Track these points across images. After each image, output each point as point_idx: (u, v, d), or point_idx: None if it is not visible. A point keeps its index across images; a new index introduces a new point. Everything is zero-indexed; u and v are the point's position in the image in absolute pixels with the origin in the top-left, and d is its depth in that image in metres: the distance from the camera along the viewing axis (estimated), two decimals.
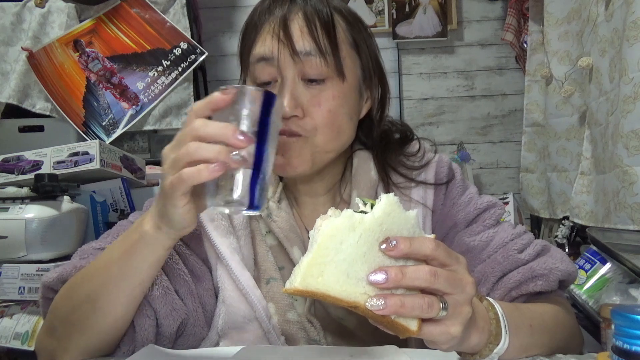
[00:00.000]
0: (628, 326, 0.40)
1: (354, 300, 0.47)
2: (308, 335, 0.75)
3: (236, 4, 2.90)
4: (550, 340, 0.67)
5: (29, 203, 1.42)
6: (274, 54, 0.70)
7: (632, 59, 1.29)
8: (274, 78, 0.72)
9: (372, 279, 0.47)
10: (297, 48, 0.70)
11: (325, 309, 0.76)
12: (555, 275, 0.72)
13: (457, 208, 0.81)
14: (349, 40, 0.75)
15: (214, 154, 0.52)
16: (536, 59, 2.11)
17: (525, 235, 0.78)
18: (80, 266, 0.70)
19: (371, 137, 0.84)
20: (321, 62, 0.70)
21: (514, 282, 0.72)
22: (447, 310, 0.49)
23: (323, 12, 0.72)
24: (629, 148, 1.29)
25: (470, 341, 0.55)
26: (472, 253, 0.77)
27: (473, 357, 0.58)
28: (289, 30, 0.70)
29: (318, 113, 0.72)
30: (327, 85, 0.72)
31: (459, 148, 2.73)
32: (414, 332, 0.49)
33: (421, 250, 0.49)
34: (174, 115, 2.25)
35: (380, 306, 0.46)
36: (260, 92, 0.55)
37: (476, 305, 0.57)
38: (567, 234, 1.84)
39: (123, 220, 0.81)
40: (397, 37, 2.87)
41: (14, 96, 2.09)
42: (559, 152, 1.91)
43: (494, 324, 0.58)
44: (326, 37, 0.71)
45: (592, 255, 1.22)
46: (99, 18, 2.20)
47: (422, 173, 0.83)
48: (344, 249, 0.47)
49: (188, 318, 0.72)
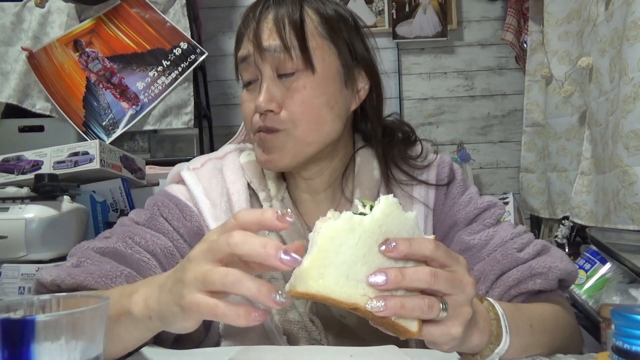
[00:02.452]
0: (628, 326, 0.40)
1: (353, 302, 0.47)
2: (309, 334, 0.75)
3: (236, 4, 2.90)
4: (551, 340, 0.67)
5: (29, 203, 1.42)
6: (249, 52, 0.77)
7: (632, 59, 1.29)
8: (256, 77, 0.78)
9: (372, 280, 0.47)
10: (264, 46, 0.75)
11: (326, 307, 0.77)
12: (555, 274, 0.72)
13: (457, 207, 0.82)
14: (320, 33, 0.78)
15: (255, 294, 0.45)
16: (536, 59, 2.11)
17: (525, 235, 0.79)
18: (76, 276, 0.67)
19: (372, 132, 0.85)
20: (287, 57, 0.75)
21: (513, 281, 0.72)
22: (447, 311, 0.49)
23: (292, 11, 0.77)
24: (629, 148, 1.29)
25: (471, 341, 0.55)
26: (472, 251, 0.78)
27: (474, 358, 0.58)
28: (260, 32, 0.76)
29: (292, 105, 0.75)
30: (297, 77, 0.76)
31: (459, 148, 2.73)
32: (415, 333, 0.49)
33: (421, 251, 0.49)
34: (174, 115, 2.25)
35: (381, 308, 0.46)
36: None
37: (477, 305, 0.57)
38: (567, 234, 1.84)
39: (124, 218, 0.80)
40: (397, 37, 2.87)
41: (14, 96, 2.08)
42: (559, 152, 1.91)
43: (494, 325, 0.58)
44: (293, 33, 0.75)
45: (592, 255, 1.22)
46: (99, 18, 2.20)
47: (424, 173, 0.85)
48: (343, 251, 0.47)
49: None
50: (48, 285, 0.69)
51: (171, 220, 0.78)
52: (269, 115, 0.75)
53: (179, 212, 0.79)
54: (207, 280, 0.46)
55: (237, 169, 0.84)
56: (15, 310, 0.45)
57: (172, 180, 0.87)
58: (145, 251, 0.73)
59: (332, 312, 0.77)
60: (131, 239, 0.74)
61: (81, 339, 0.41)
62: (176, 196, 0.81)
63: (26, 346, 0.40)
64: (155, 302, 0.52)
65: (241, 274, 0.46)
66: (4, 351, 0.40)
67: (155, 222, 0.77)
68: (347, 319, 0.76)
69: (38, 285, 0.70)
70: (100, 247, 0.72)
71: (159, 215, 0.78)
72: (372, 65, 0.85)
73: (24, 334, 0.40)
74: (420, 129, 2.92)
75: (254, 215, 0.48)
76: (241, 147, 0.90)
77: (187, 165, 0.85)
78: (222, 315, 0.46)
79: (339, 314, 0.76)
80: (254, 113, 0.77)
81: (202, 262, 0.48)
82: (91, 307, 0.42)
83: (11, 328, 0.40)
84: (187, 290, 0.47)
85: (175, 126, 2.26)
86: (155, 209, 0.79)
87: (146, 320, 0.54)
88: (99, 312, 0.43)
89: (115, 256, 0.71)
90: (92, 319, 0.42)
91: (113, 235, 0.76)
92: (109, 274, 0.67)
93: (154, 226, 0.77)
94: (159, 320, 0.52)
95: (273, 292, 0.45)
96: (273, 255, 0.45)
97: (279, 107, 0.75)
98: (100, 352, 0.43)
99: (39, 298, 0.47)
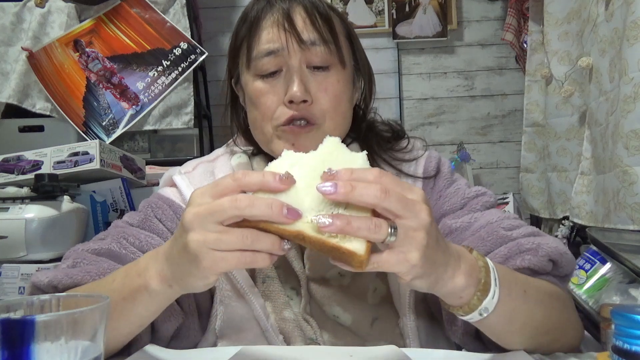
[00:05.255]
0: (628, 326, 0.40)
1: (297, 230, 0.47)
2: (305, 333, 0.75)
3: (236, 4, 2.90)
4: (545, 317, 0.63)
5: (29, 203, 1.42)
6: (282, 44, 0.73)
7: (632, 59, 1.29)
8: (280, 67, 0.75)
9: (321, 187, 0.47)
10: (303, 38, 0.73)
11: (320, 307, 0.77)
12: (545, 251, 0.66)
13: (443, 199, 0.80)
14: (343, 32, 0.80)
15: (269, 247, 0.49)
16: (536, 59, 2.11)
17: (516, 220, 0.74)
18: (73, 275, 0.67)
19: (358, 127, 0.85)
20: (325, 50, 0.74)
21: (500, 257, 0.67)
22: (395, 235, 0.47)
23: (320, 6, 0.76)
24: (629, 148, 1.29)
25: (455, 282, 0.53)
26: (455, 234, 0.74)
27: (462, 309, 0.56)
28: (294, 22, 0.74)
29: (325, 98, 0.74)
30: (332, 72, 0.75)
31: (459, 148, 2.73)
32: (362, 257, 0.47)
33: (364, 177, 0.48)
34: (174, 115, 2.26)
35: (327, 223, 0.46)
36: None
37: (461, 251, 0.55)
38: (567, 234, 1.84)
39: (118, 221, 0.80)
40: (397, 37, 2.87)
41: (14, 96, 2.08)
42: (559, 152, 1.91)
43: (483, 272, 0.55)
44: (327, 27, 0.75)
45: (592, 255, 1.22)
46: (99, 18, 2.20)
47: (411, 166, 0.83)
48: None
49: (183, 322, 0.72)
50: (44, 288, 0.68)
51: (165, 221, 0.79)
52: (303, 105, 0.73)
53: (173, 214, 0.80)
54: (221, 241, 0.48)
55: (229, 170, 0.83)
56: (15, 310, 0.45)
57: (164, 184, 0.87)
58: (139, 251, 0.73)
59: (326, 313, 0.76)
60: (125, 240, 0.74)
61: (81, 339, 0.41)
62: (169, 198, 0.82)
63: (26, 346, 0.40)
64: (170, 272, 0.55)
65: (256, 233, 0.48)
66: (4, 351, 0.40)
67: (149, 223, 0.78)
68: (341, 318, 0.76)
69: (33, 288, 0.69)
70: (95, 248, 0.72)
71: (153, 216, 0.79)
72: (368, 64, 0.86)
73: (24, 334, 0.40)
74: (420, 129, 2.92)
75: (255, 178, 0.49)
76: (232, 150, 0.89)
77: (178, 169, 0.85)
78: (245, 262, 0.49)
79: (332, 314, 0.76)
80: (277, 105, 0.74)
81: (210, 225, 0.48)
82: (91, 307, 0.42)
83: (11, 328, 0.40)
84: (205, 256, 0.49)
85: (175, 126, 2.26)
86: (149, 210, 0.79)
87: (167, 290, 0.56)
88: (99, 312, 0.43)
89: (110, 257, 0.72)
90: (92, 319, 0.42)
91: (107, 236, 0.76)
92: (107, 272, 0.67)
93: (148, 227, 0.77)
94: (180, 287, 0.55)
95: (284, 208, 0.47)
96: (279, 214, 0.47)
97: (312, 99, 0.74)
98: (101, 352, 0.43)
99: (39, 298, 0.47)
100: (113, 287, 0.61)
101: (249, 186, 0.49)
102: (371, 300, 0.77)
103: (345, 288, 0.77)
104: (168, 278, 0.55)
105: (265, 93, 0.75)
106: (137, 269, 0.59)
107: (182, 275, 0.53)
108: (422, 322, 0.76)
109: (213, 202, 0.49)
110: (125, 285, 0.59)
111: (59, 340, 0.40)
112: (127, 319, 0.61)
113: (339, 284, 0.77)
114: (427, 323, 0.76)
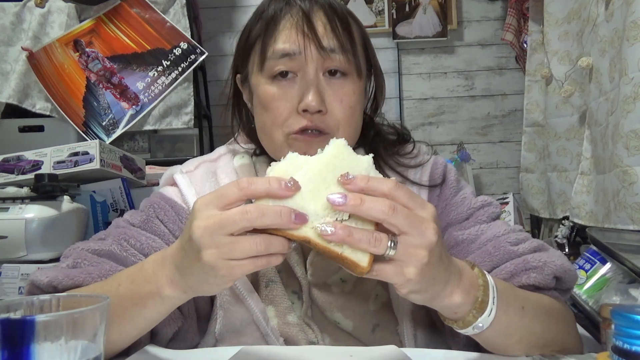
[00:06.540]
0: (628, 326, 0.40)
1: (304, 236, 0.48)
2: (307, 337, 0.74)
3: (236, 4, 2.90)
4: (544, 331, 0.64)
5: (29, 203, 1.42)
6: (301, 48, 0.71)
7: (632, 59, 1.29)
8: (294, 71, 0.72)
9: (331, 197, 0.47)
10: (323, 44, 0.71)
11: (321, 313, 0.76)
12: (550, 269, 0.67)
13: (450, 208, 0.79)
14: (360, 39, 0.78)
15: (280, 249, 0.50)
16: (536, 59, 2.11)
17: (521, 233, 0.75)
18: (74, 277, 0.67)
19: (365, 133, 0.84)
20: (344, 59, 0.72)
21: (506, 274, 0.67)
22: (395, 249, 0.48)
23: (339, 11, 0.74)
24: (629, 148, 1.29)
25: (452, 299, 0.54)
26: (461, 246, 0.74)
27: (457, 323, 0.57)
28: (314, 26, 0.71)
29: (340, 109, 0.72)
30: (349, 81, 0.74)
31: (459, 148, 2.73)
32: (364, 268, 0.48)
33: (379, 188, 0.48)
34: (174, 115, 2.25)
35: (329, 231, 0.47)
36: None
37: (464, 268, 0.56)
38: (567, 234, 1.84)
39: (119, 220, 0.79)
40: (397, 37, 2.87)
41: (14, 96, 2.08)
42: (559, 152, 1.91)
43: (481, 291, 0.56)
44: (347, 35, 0.73)
45: (592, 255, 1.21)
46: (99, 18, 2.20)
47: (417, 173, 0.82)
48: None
49: (182, 325, 0.72)
50: (44, 287, 0.67)
51: (167, 222, 0.77)
52: (317, 115, 0.71)
53: (175, 215, 0.78)
54: (235, 251, 0.49)
55: (231, 172, 0.82)
56: (15, 310, 0.45)
57: (165, 183, 0.86)
58: (140, 254, 0.72)
59: (327, 318, 0.76)
60: (126, 242, 0.73)
61: (81, 339, 0.42)
62: (172, 198, 0.80)
63: (26, 346, 0.40)
64: (184, 282, 0.55)
65: (269, 238, 0.49)
66: (4, 351, 0.40)
67: (151, 224, 0.76)
68: (342, 324, 0.75)
69: (32, 287, 0.68)
70: (95, 249, 0.71)
71: (155, 217, 0.77)
72: (381, 70, 0.84)
73: (24, 334, 0.40)
74: (420, 129, 2.92)
75: (261, 186, 0.49)
76: (234, 150, 0.87)
77: (180, 168, 0.84)
78: (260, 266, 0.50)
79: (333, 320, 0.76)
80: (289, 112, 0.72)
81: (222, 238, 0.49)
82: (91, 307, 0.42)
83: (11, 328, 0.40)
84: (218, 266, 0.50)
85: (175, 126, 2.26)
86: (151, 210, 0.78)
87: (181, 295, 0.57)
88: (99, 312, 0.43)
89: (111, 258, 0.71)
90: (92, 319, 0.42)
91: (108, 237, 0.75)
92: (108, 274, 0.67)
93: (150, 228, 0.76)
94: (194, 292, 0.56)
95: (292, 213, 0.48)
96: (289, 221, 0.48)
97: (327, 110, 0.72)
98: (101, 352, 0.43)
99: (39, 298, 0.47)
100: (119, 292, 0.60)
101: (254, 195, 0.49)
102: (372, 306, 0.77)
103: (346, 294, 0.76)
104: (182, 285, 0.55)
105: (278, 98, 0.72)
106: (144, 275, 0.59)
107: (197, 283, 0.54)
108: (421, 329, 0.75)
109: (222, 214, 0.49)
110: (133, 291, 0.59)
111: (59, 340, 0.40)
112: (135, 323, 0.61)
113: (341, 290, 0.76)
114: (426, 330, 0.76)
